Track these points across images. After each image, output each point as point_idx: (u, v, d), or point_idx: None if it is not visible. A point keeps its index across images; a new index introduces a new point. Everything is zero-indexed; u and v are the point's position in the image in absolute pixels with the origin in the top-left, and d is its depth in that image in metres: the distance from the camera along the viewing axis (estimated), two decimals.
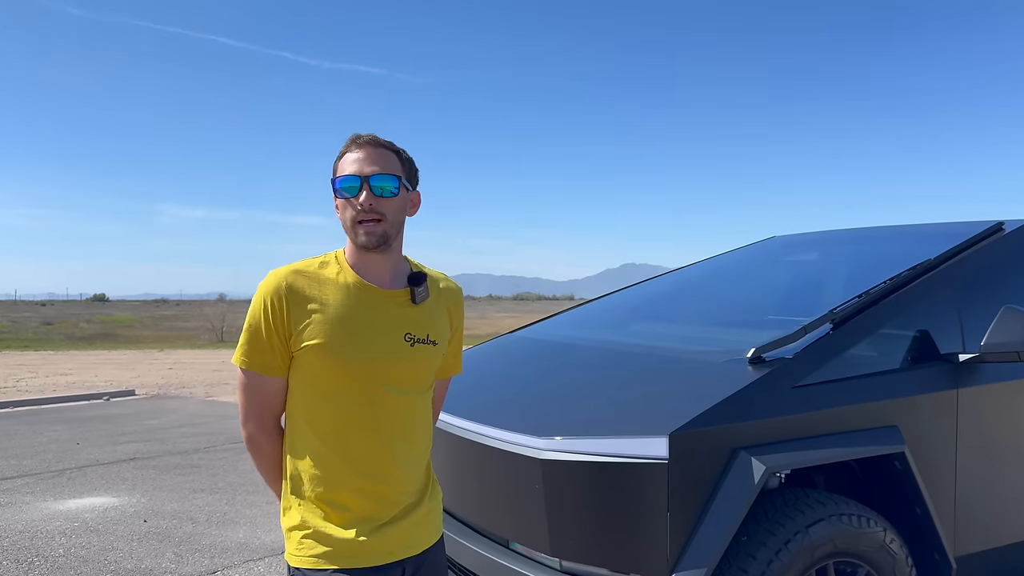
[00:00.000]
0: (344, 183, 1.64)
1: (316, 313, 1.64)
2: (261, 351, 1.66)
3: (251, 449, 1.75)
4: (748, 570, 2.33)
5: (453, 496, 2.94)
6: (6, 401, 11.45)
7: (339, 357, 1.63)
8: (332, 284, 1.68)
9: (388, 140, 1.71)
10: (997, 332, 2.77)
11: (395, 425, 1.69)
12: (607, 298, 4.47)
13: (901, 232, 3.90)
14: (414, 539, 1.73)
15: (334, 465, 1.65)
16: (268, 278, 1.68)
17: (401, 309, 1.72)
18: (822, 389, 2.57)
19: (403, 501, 1.71)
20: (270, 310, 1.64)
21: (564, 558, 2.44)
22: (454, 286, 1.88)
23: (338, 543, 1.64)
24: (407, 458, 1.71)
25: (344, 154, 1.69)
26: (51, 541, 4.84)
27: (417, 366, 1.72)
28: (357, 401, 1.65)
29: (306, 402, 1.67)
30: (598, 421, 2.51)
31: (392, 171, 1.67)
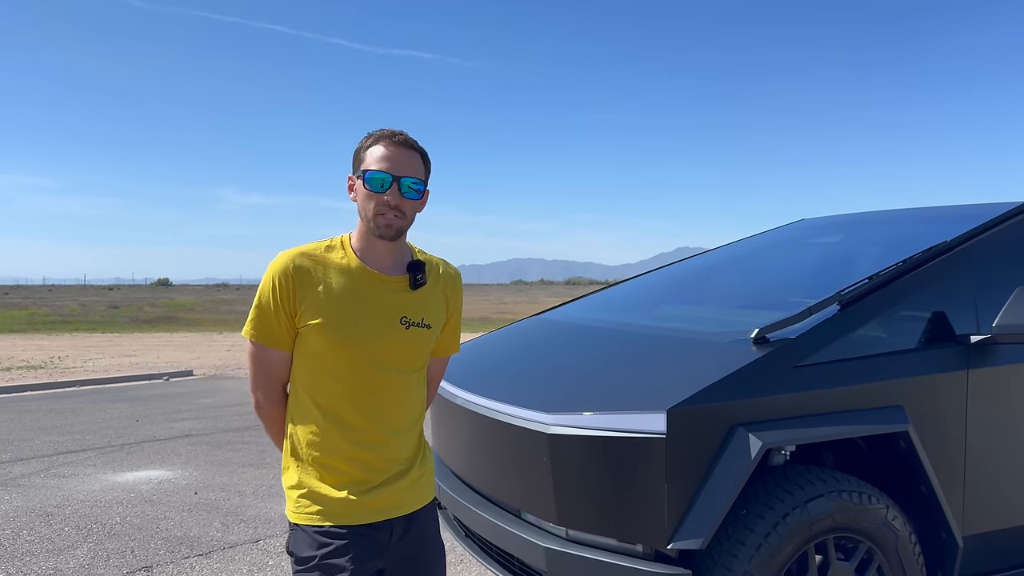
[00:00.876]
0: (374, 176, 1.75)
1: (319, 294, 1.77)
2: (268, 326, 1.79)
3: (259, 413, 1.91)
4: (745, 542, 2.41)
5: (470, 468, 3.08)
6: (74, 380, 12.04)
7: (337, 336, 1.76)
8: (336, 268, 1.80)
9: (414, 140, 1.82)
10: (1010, 313, 2.78)
11: (387, 401, 1.81)
12: (632, 281, 4.54)
13: (930, 214, 3.88)
14: (404, 501, 1.85)
15: (330, 433, 1.78)
16: (278, 259, 1.80)
17: (399, 294, 1.84)
18: (825, 369, 2.62)
19: (392, 468, 1.83)
20: (278, 288, 1.77)
21: (570, 527, 2.56)
22: (453, 272, 1.99)
23: (331, 502, 1.78)
24: (397, 431, 1.84)
25: (374, 146, 1.78)
26: (109, 510, 5.15)
27: (410, 348, 1.84)
28: (353, 377, 1.78)
29: (307, 374, 1.80)
30: (602, 398, 2.61)
31: (420, 175, 1.80)
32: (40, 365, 14.64)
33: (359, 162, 1.80)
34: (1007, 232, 3.12)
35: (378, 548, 1.81)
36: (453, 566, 4.14)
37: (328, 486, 1.79)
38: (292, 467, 1.84)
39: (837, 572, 2.54)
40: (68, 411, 9.24)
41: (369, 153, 1.78)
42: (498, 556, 2.95)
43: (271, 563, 4.17)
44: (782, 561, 2.42)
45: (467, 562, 4.21)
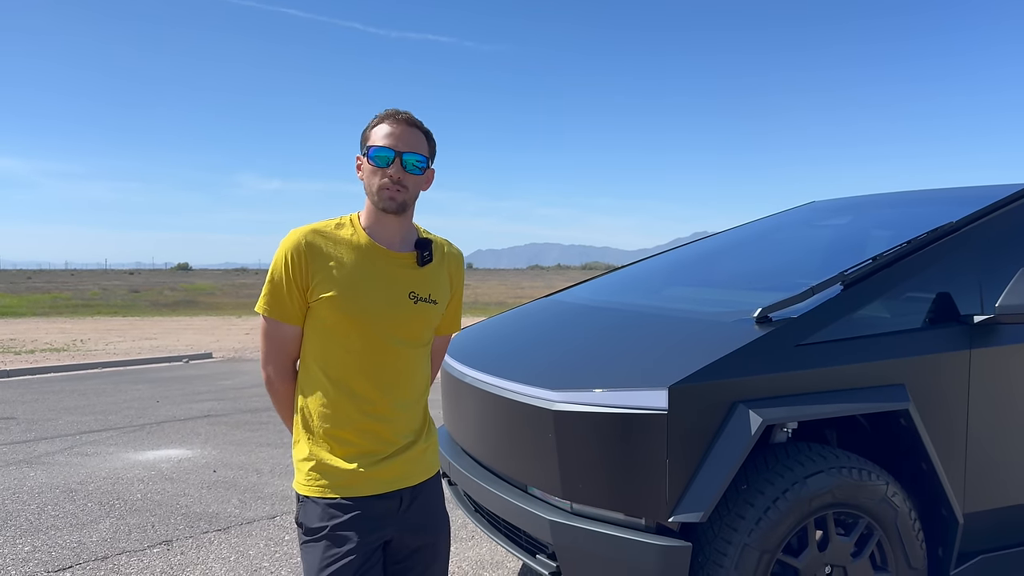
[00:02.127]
0: (378, 152, 1.82)
1: (331, 269, 1.83)
2: (281, 301, 1.85)
3: (269, 388, 1.96)
4: (745, 516, 2.46)
5: (479, 445, 3.15)
6: (96, 362, 12.26)
7: (349, 310, 1.82)
8: (347, 244, 1.87)
9: (419, 120, 1.89)
10: (1013, 294, 2.80)
11: (396, 373, 1.88)
12: (642, 263, 4.58)
13: (937, 195, 3.89)
14: (411, 472, 1.92)
15: (341, 405, 1.84)
16: (290, 235, 1.86)
17: (407, 270, 1.90)
18: (827, 347, 2.66)
19: (400, 440, 1.89)
20: (291, 264, 1.83)
21: (574, 501, 2.63)
22: (456, 252, 2.07)
23: (341, 474, 1.84)
24: (405, 402, 1.90)
25: (379, 124, 1.86)
26: (130, 487, 5.28)
27: (418, 322, 1.91)
28: (364, 350, 1.84)
29: (318, 348, 1.86)
30: (607, 375, 2.67)
31: (422, 151, 1.86)
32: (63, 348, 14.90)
33: (365, 140, 1.87)
34: (1012, 214, 3.14)
35: (385, 519, 1.87)
36: (464, 542, 4.23)
37: (338, 458, 1.84)
38: (303, 440, 1.89)
39: (836, 547, 2.59)
40: (90, 392, 9.43)
41: (375, 131, 1.85)
42: (506, 530, 3.02)
43: (287, 538, 4.28)
44: (782, 535, 2.48)
45: (478, 537, 4.30)
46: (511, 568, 3.89)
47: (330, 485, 1.84)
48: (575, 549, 2.58)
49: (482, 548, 4.16)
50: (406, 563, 1.94)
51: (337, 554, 1.80)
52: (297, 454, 1.91)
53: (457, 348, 3.63)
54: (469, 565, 3.91)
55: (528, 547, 2.88)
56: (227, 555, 4.04)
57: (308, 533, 1.85)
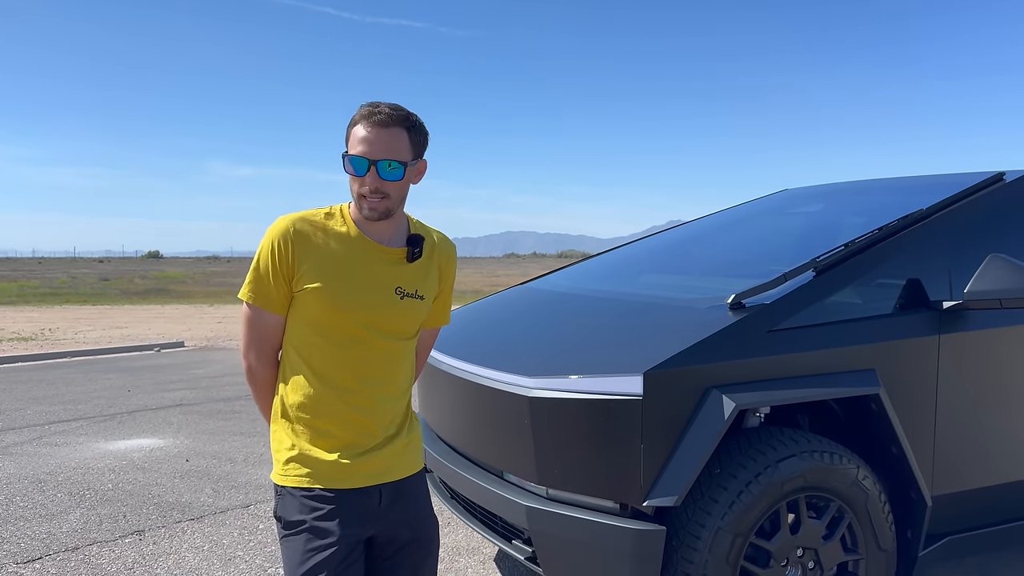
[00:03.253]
0: (353, 162, 1.76)
1: (317, 260, 1.80)
2: (265, 289, 1.82)
3: (249, 376, 1.92)
4: (719, 500, 2.49)
5: (455, 432, 3.15)
6: (65, 351, 12.07)
7: (335, 302, 1.79)
8: (335, 235, 1.83)
9: (401, 110, 1.78)
10: (981, 280, 2.85)
11: (380, 366, 1.85)
12: (617, 250, 4.59)
13: (908, 183, 3.94)
14: (392, 467, 1.88)
15: (323, 396, 1.81)
16: (278, 223, 1.82)
17: (395, 265, 1.87)
18: (799, 333, 2.69)
19: (383, 433, 1.87)
20: (277, 252, 1.79)
21: (550, 486, 2.64)
22: (448, 244, 2.02)
23: (322, 465, 1.81)
24: (389, 395, 1.87)
25: (356, 126, 1.77)
26: (101, 477, 5.22)
27: (404, 317, 1.88)
28: (348, 342, 1.81)
29: (302, 338, 1.83)
30: (582, 362, 2.68)
31: (399, 156, 1.76)
32: (31, 337, 14.65)
33: (346, 141, 1.81)
34: (981, 201, 3.19)
35: (367, 514, 1.83)
36: (439, 528, 4.23)
37: (319, 449, 1.82)
38: (282, 430, 1.87)
39: (808, 530, 2.63)
40: (59, 381, 9.29)
41: (352, 133, 1.78)
42: (482, 516, 3.03)
43: (261, 527, 4.26)
44: (754, 518, 2.50)
45: (454, 524, 4.30)
46: (487, 554, 3.90)
47: (310, 476, 1.81)
48: (551, 534, 2.59)
49: (458, 534, 4.16)
50: (393, 560, 1.92)
51: (319, 546, 1.77)
52: (276, 444, 1.88)
53: None
54: (445, 552, 3.92)
55: (504, 533, 2.89)
56: (200, 544, 4.01)
57: (288, 526, 1.82)
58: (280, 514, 1.84)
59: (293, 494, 1.81)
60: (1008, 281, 2.79)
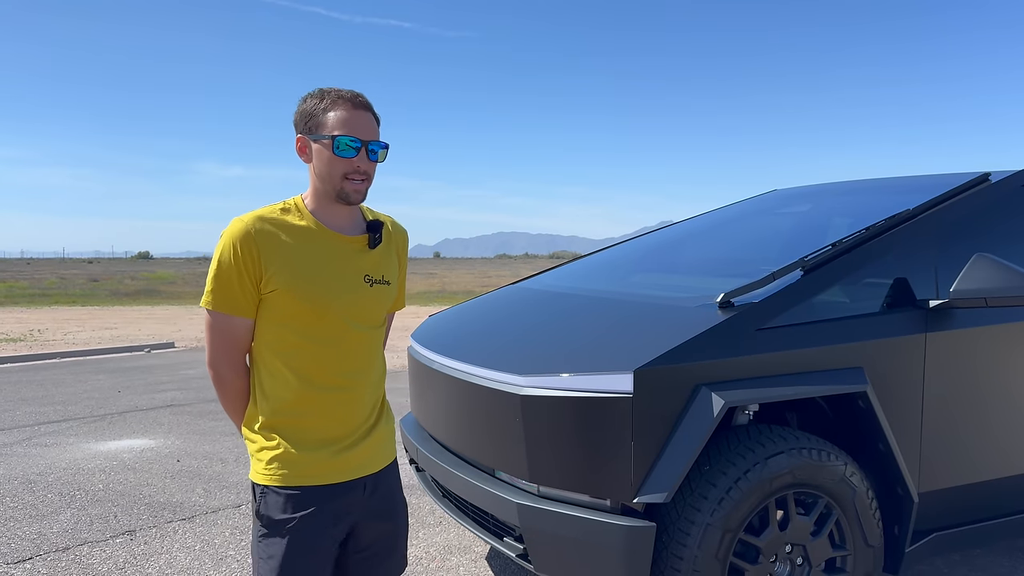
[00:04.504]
0: (346, 142, 1.74)
1: (284, 258, 1.77)
2: (230, 293, 1.77)
3: (219, 386, 1.88)
4: (708, 496, 2.51)
5: (447, 431, 3.16)
6: (54, 352, 12.01)
7: (311, 299, 1.77)
8: (297, 230, 1.81)
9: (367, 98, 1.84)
10: (967, 279, 2.88)
11: (359, 357, 1.86)
12: (608, 250, 4.62)
13: (895, 183, 3.98)
14: (373, 458, 1.90)
15: (305, 394, 1.80)
16: (234, 224, 1.77)
17: (359, 254, 1.87)
18: (788, 331, 2.71)
19: (364, 424, 1.89)
20: (241, 254, 1.75)
21: (541, 484, 2.66)
22: (401, 229, 2.04)
23: (307, 462, 1.80)
24: (368, 384, 1.89)
25: (336, 109, 1.76)
26: (91, 477, 5.21)
27: (375, 304, 1.89)
28: (325, 337, 1.81)
29: (277, 338, 1.81)
30: (573, 360, 2.70)
31: (381, 139, 1.82)
32: (20, 338, 14.57)
33: (318, 125, 1.78)
34: (967, 201, 3.22)
35: (351, 506, 1.85)
36: (431, 527, 4.25)
37: (304, 446, 1.81)
38: (262, 430, 1.84)
39: (797, 526, 2.66)
40: (49, 382, 9.25)
41: (333, 117, 1.76)
42: (473, 514, 3.05)
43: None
44: (743, 515, 2.53)
45: (446, 523, 4.32)
46: (479, 552, 3.92)
47: (295, 474, 1.80)
48: (542, 531, 2.61)
49: (449, 533, 4.18)
50: (369, 550, 1.93)
51: (307, 545, 1.78)
52: (256, 444, 1.86)
53: (425, 335, 3.64)
54: (437, 550, 3.93)
55: (496, 530, 2.91)
56: (192, 544, 4.01)
57: (271, 525, 1.80)
58: (264, 513, 1.81)
59: (279, 493, 1.80)
60: (993, 280, 2.82)
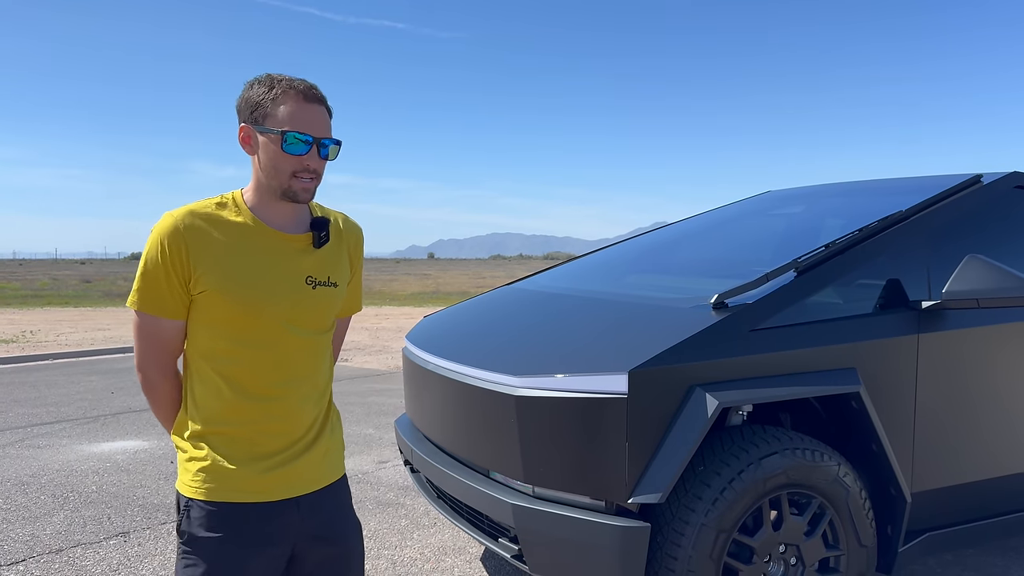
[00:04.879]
0: (297, 138, 1.62)
1: (216, 257, 1.64)
2: (158, 293, 1.64)
3: (147, 391, 1.74)
4: (703, 497, 2.52)
5: (441, 431, 3.17)
6: (47, 353, 11.96)
7: (244, 302, 1.64)
8: (232, 227, 1.67)
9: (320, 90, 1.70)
10: (959, 280, 2.90)
11: (298, 364, 1.71)
12: (602, 251, 4.63)
13: (888, 185, 4.00)
14: (312, 476, 1.74)
15: (238, 403, 1.66)
16: (164, 220, 1.64)
17: (302, 253, 1.73)
18: (781, 332, 2.73)
19: (304, 437, 1.73)
20: (168, 252, 1.62)
21: (536, 484, 2.66)
22: (354, 226, 1.90)
23: (238, 477, 1.65)
24: (310, 396, 1.74)
25: (287, 101, 1.63)
26: (84, 479, 5.19)
27: (319, 308, 1.74)
28: (261, 343, 1.67)
29: (208, 343, 1.67)
30: (567, 361, 2.70)
31: (333, 135, 1.70)
32: (12, 339, 14.51)
33: (266, 116, 1.64)
34: (959, 203, 3.24)
35: (287, 528, 1.70)
36: (426, 528, 4.25)
37: (236, 459, 1.66)
38: (192, 439, 1.70)
39: (790, 526, 2.67)
40: (41, 384, 9.21)
41: (283, 110, 1.63)
42: (468, 515, 3.05)
43: None
44: (737, 515, 2.54)
45: (440, 524, 4.32)
46: (473, 553, 3.92)
47: (223, 488, 1.65)
48: (537, 532, 2.61)
49: (444, 534, 4.18)
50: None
51: (233, 568, 1.63)
52: (184, 453, 1.70)
53: (420, 335, 3.64)
54: (432, 552, 3.93)
55: (490, 531, 2.91)
56: None
57: (194, 543, 1.64)
58: (187, 529, 1.66)
59: (204, 508, 1.65)
60: (985, 281, 2.84)
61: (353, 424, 6.90)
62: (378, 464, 5.59)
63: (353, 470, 5.41)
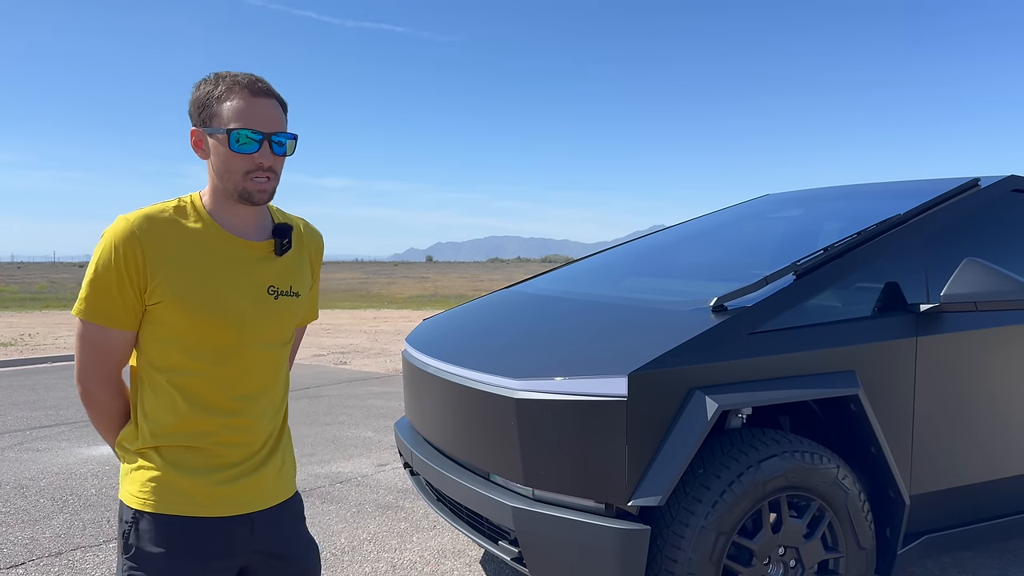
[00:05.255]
0: (245, 135, 1.54)
1: (174, 265, 1.56)
2: (109, 302, 1.55)
3: (87, 404, 1.65)
4: (702, 499, 2.53)
5: (441, 434, 3.17)
6: (45, 356, 11.96)
7: (202, 313, 1.56)
8: (190, 233, 1.59)
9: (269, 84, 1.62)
10: (957, 283, 2.91)
11: (257, 379, 1.65)
12: (601, 254, 4.64)
13: (886, 188, 4.01)
14: (266, 492, 1.68)
15: (193, 416, 1.59)
16: (118, 223, 1.55)
17: (263, 262, 1.66)
18: (780, 335, 2.74)
19: (260, 451, 1.68)
20: (122, 259, 1.53)
21: (536, 487, 2.67)
22: (315, 232, 1.84)
23: (189, 490, 1.59)
24: (265, 409, 1.68)
25: (232, 98, 1.56)
26: (84, 482, 5.19)
27: (280, 319, 1.68)
28: (219, 357, 1.60)
29: (162, 355, 1.59)
30: (567, 363, 2.71)
31: (287, 129, 1.62)
32: (10, 342, 14.50)
33: (213, 116, 1.57)
34: (957, 206, 3.26)
35: (238, 543, 1.64)
36: (426, 531, 4.25)
37: (187, 472, 1.59)
38: (143, 450, 1.62)
39: (790, 529, 2.67)
40: (40, 387, 9.21)
41: (228, 107, 1.55)
42: (468, 518, 3.05)
43: None
44: (737, 517, 2.55)
45: (440, 527, 4.32)
46: (473, 556, 3.92)
47: (176, 502, 1.58)
48: (537, 534, 2.62)
49: (444, 537, 4.18)
50: None
51: None
52: (131, 464, 1.63)
53: (419, 338, 3.65)
54: (431, 555, 3.93)
55: (490, 534, 2.91)
56: None
57: (140, 557, 1.57)
58: (133, 543, 1.58)
59: (153, 520, 1.58)
60: (983, 284, 2.85)
61: (352, 427, 6.90)
62: (377, 467, 5.59)
63: (352, 473, 5.41)
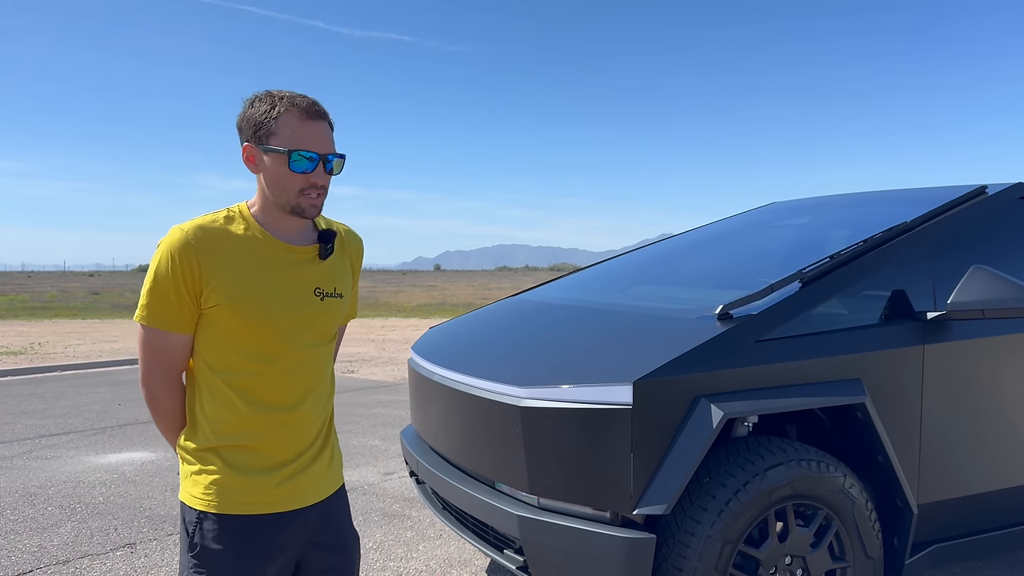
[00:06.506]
0: (303, 155, 1.64)
1: (228, 271, 1.66)
2: (168, 308, 1.65)
3: (152, 405, 1.76)
4: (708, 508, 2.52)
5: (447, 442, 3.17)
6: (55, 365, 12.01)
7: (254, 315, 1.66)
8: (241, 241, 1.69)
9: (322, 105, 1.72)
10: (964, 291, 2.90)
11: (306, 376, 1.75)
12: (608, 262, 4.64)
13: (893, 196, 4.00)
14: (320, 486, 1.79)
15: (248, 415, 1.68)
16: (174, 234, 1.66)
17: (309, 265, 1.76)
18: (786, 343, 2.73)
19: (312, 446, 1.77)
20: (179, 266, 1.63)
21: (541, 495, 2.66)
22: (356, 237, 1.95)
23: (250, 489, 1.68)
24: (316, 406, 1.77)
25: (290, 118, 1.65)
26: (92, 490, 5.21)
27: (327, 319, 1.78)
28: (271, 355, 1.69)
29: (218, 356, 1.69)
30: (572, 371, 2.71)
31: (338, 150, 1.72)
32: (20, 351, 14.58)
33: (270, 135, 1.65)
34: (963, 214, 3.25)
35: (296, 538, 1.74)
36: (432, 540, 4.25)
37: (245, 472, 1.69)
38: (202, 451, 1.71)
39: (796, 538, 2.66)
40: (49, 395, 9.25)
41: (286, 126, 1.64)
42: (473, 526, 3.05)
43: None
44: (743, 526, 2.54)
45: (446, 536, 4.31)
46: (479, 565, 3.91)
47: (236, 501, 1.68)
48: (542, 543, 2.61)
49: (450, 546, 4.18)
50: None
51: None
52: (192, 466, 1.73)
53: (425, 346, 3.65)
54: (437, 563, 3.93)
55: (496, 543, 2.91)
56: None
57: (206, 556, 1.67)
58: (198, 542, 1.68)
59: (216, 520, 1.67)
60: (990, 292, 2.84)
61: (359, 436, 6.90)
62: (384, 475, 5.59)
63: (359, 481, 5.42)
